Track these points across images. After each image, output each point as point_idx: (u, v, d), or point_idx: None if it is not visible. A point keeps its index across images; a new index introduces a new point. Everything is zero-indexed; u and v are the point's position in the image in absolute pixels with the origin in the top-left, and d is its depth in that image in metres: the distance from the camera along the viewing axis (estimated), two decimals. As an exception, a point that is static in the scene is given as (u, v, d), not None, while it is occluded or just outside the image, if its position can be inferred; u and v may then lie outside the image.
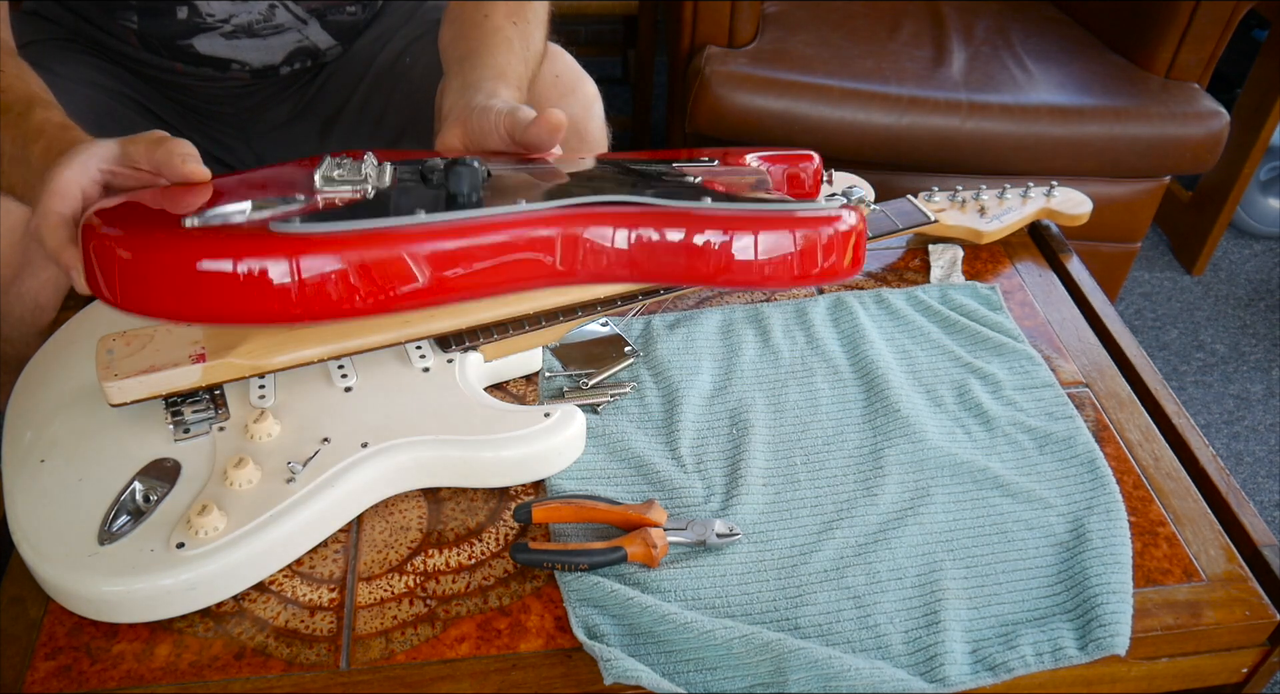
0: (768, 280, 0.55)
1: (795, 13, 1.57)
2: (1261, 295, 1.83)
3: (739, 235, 0.53)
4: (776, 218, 0.52)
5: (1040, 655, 0.64)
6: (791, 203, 0.54)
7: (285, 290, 0.48)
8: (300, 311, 0.50)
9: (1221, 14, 1.43)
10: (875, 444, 0.76)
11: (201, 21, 0.91)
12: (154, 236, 0.50)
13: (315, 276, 0.49)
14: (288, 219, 0.49)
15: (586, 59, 1.03)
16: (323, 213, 0.50)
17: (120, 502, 0.64)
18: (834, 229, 0.53)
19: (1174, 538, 0.72)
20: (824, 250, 0.54)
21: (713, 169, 0.67)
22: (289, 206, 0.52)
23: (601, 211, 0.54)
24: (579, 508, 0.69)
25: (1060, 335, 0.88)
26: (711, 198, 0.53)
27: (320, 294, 0.49)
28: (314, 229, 0.49)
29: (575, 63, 1.00)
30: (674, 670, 0.62)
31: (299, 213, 0.51)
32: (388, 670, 0.62)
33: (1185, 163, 1.45)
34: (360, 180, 0.57)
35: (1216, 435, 1.56)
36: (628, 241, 0.54)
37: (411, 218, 0.50)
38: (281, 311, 0.49)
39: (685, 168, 0.67)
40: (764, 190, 0.65)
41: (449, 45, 0.84)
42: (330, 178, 0.56)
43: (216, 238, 0.49)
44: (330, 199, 0.54)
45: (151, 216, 0.54)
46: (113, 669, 0.62)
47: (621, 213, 0.54)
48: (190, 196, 0.56)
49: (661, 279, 0.56)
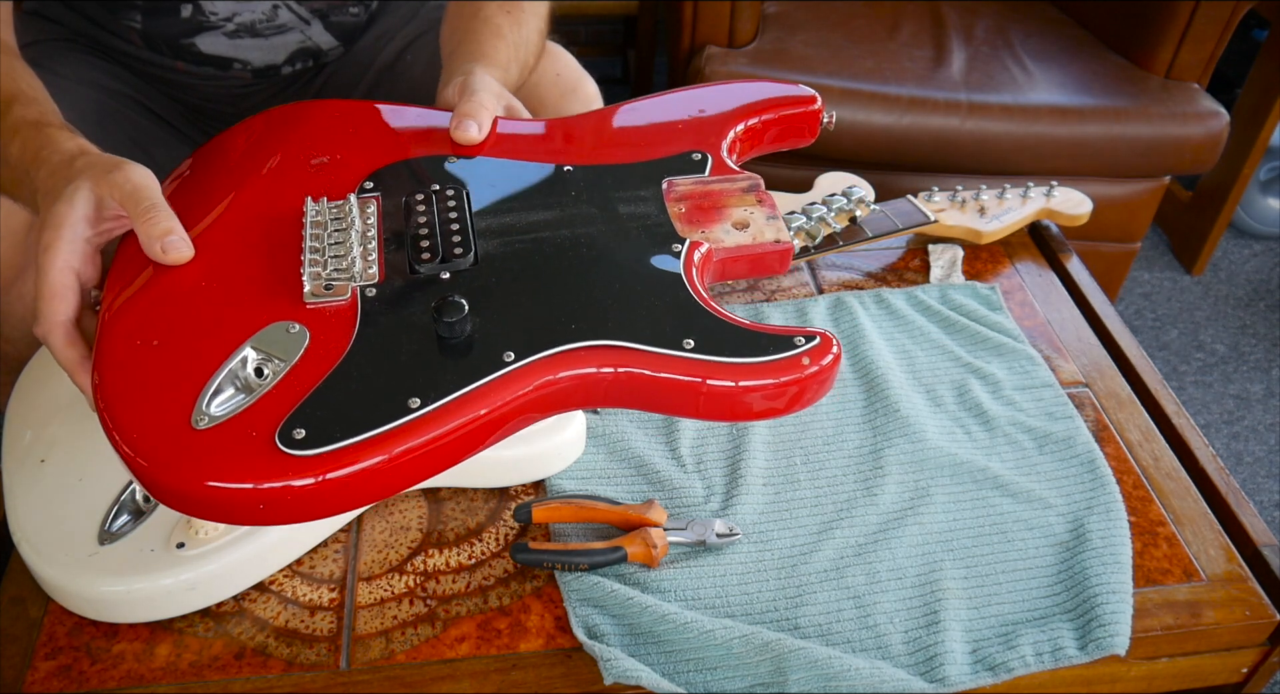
0: (738, 416, 0.58)
1: (795, 13, 1.57)
2: (1261, 295, 1.83)
3: (717, 381, 0.54)
4: (750, 368, 0.54)
5: (1040, 655, 0.64)
6: (768, 351, 0.55)
7: (298, 502, 0.50)
8: (310, 516, 0.52)
9: (1221, 14, 1.43)
10: (875, 444, 0.76)
11: (205, 20, 0.91)
12: (163, 446, 0.50)
13: (325, 490, 0.50)
14: (294, 435, 0.50)
15: (586, 59, 1.03)
16: (319, 430, 0.50)
17: (120, 502, 0.64)
18: (802, 374, 0.55)
19: (1174, 538, 0.72)
20: (794, 395, 0.56)
21: (703, 181, 0.66)
22: (291, 358, 0.53)
23: (589, 356, 0.54)
24: (579, 508, 0.69)
25: (1060, 335, 0.88)
26: (695, 342, 0.55)
27: (328, 501, 0.50)
28: (320, 451, 0.49)
29: (576, 62, 1.00)
30: (674, 670, 0.62)
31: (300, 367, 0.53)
32: (388, 670, 0.62)
33: (1185, 163, 1.45)
34: (346, 278, 0.57)
35: (1216, 435, 1.56)
36: (614, 380, 0.55)
37: (410, 416, 0.51)
38: (292, 518, 0.51)
39: (675, 182, 0.66)
40: (756, 193, 0.65)
41: (445, 41, 0.84)
42: (318, 290, 0.57)
43: (226, 457, 0.49)
44: (319, 308, 0.56)
45: (161, 389, 0.53)
46: (113, 669, 0.62)
47: (607, 357, 0.55)
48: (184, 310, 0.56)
49: (641, 408, 0.58)
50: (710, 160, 0.67)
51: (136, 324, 0.56)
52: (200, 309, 0.57)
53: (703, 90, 0.74)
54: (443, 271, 0.59)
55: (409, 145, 0.68)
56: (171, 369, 0.53)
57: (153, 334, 0.55)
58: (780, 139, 0.73)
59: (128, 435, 0.51)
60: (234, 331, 0.55)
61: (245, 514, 0.50)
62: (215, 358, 0.53)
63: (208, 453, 0.50)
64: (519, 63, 0.82)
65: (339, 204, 0.62)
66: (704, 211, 0.64)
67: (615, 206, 0.63)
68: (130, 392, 0.53)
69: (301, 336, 0.55)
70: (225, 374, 0.53)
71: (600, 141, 0.69)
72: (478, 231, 0.61)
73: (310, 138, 0.68)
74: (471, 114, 0.67)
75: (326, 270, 0.58)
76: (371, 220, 0.62)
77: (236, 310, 0.56)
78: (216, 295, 0.57)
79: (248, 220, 0.62)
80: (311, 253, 0.59)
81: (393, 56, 1.04)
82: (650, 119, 0.71)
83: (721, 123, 0.70)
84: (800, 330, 0.56)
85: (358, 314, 0.56)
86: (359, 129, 0.69)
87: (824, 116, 0.73)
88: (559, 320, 0.56)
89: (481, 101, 0.68)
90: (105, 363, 0.54)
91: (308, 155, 0.66)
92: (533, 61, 0.87)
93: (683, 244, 0.61)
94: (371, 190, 0.64)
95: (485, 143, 0.68)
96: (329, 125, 0.69)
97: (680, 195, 0.65)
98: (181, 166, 0.69)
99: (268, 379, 0.53)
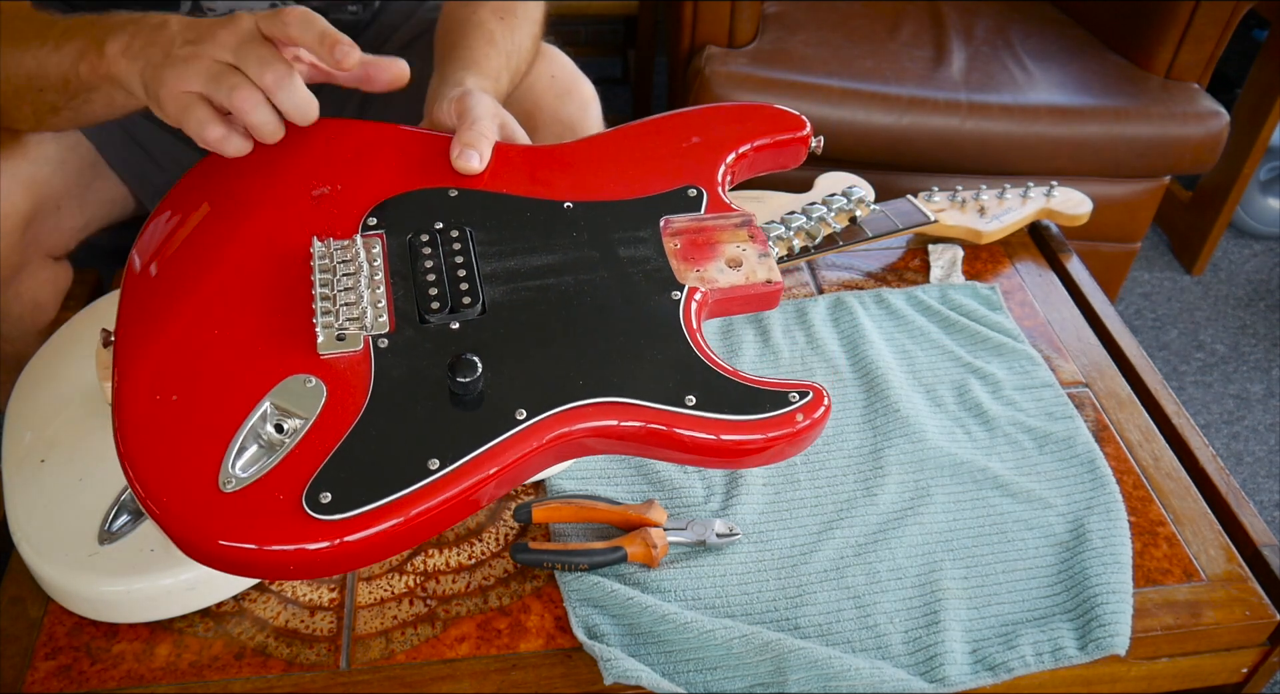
0: (731, 465, 0.62)
1: (795, 13, 1.57)
2: (1261, 295, 1.83)
3: (721, 434, 0.57)
4: (749, 424, 0.57)
5: (1040, 655, 0.64)
6: (765, 408, 0.58)
7: (324, 561, 0.51)
8: (334, 572, 0.53)
9: (1221, 14, 1.43)
10: (875, 444, 0.76)
11: (202, 18, 0.91)
12: (194, 510, 0.51)
13: (351, 550, 0.51)
14: (320, 499, 0.51)
15: (586, 59, 1.03)
16: (344, 493, 0.51)
17: (120, 501, 0.64)
18: (795, 428, 0.57)
19: (1174, 538, 0.72)
20: (786, 448, 0.58)
21: (699, 218, 0.67)
22: (310, 415, 0.54)
23: (596, 412, 0.57)
24: (579, 508, 0.69)
25: (1060, 335, 0.88)
26: (696, 398, 0.57)
27: (353, 559, 0.52)
28: (346, 515, 0.51)
29: (572, 63, 1.00)
30: (674, 670, 0.62)
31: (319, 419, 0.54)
32: (388, 670, 0.62)
33: (1185, 163, 1.45)
34: (358, 328, 0.58)
35: (1216, 435, 1.56)
36: (620, 433, 0.57)
37: (430, 478, 0.52)
38: (315, 574, 0.53)
39: (672, 220, 0.66)
40: (748, 228, 0.67)
41: (438, 43, 0.84)
42: (331, 341, 0.57)
43: (257, 521, 0.50)
44: (334, 359, 0.57)
45: (186, 450, 0.53)
46: (113, 669, 0.62)
47: (613, 412, 0.57)
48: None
49: (644, 456, 0.61)
50: (705, 196, 0.68)
51: (154, 377, 0.56)
52: (216, 360, 0.57)
53: (695, 114, 0.74)
54: (452, 322, 0.60)
55: (409, 175, 0.68)
56: (194, 427, 0.54)
57: (171, 388, 0.55)
58: (770, 163, 0.75)
59: (158, 499, 0.52)
60: (252, 386, 0.55)
61: (273, 572, 0.52)
62: (236, 415, 0.54)
63: (239, 517, 0.51)
64: (510, 71, 0.82)
65: (345, 245, 0.62)
66: (699, 248, 0.65)
67: (615, 249, 0.65)
68: (155, 453, 0.53)
69: (319, 391, 0.55)
70: (248, 432, 0.53)
71: (597, 174, 0.70)
72: (484, 277, 0.62)
73: (310, 165, 0.67)
74: (473, 144, 0.67)
75: (339, 321, 0.58)
76: (378, 262, 0.62)
77: (252, 362, 0.57)
78: (231, 345, 0.58)
79: (255, 260, 0.62)
80: (323, 300, 0.59)
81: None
82: (645, 149, 0.72)
83: (715, 153, 0.71)
84: (795, 385, 0.58)
85: (371, 367, 0.57)
86: (359, 154, 0.69)
87: (812, 142, 0.74)
88: (567, 375, 0.57)
89: (482, 131, 0.68)
90: (127, 423, 0.54)
91: (308, 185, 0.66)
92: (525, 68, 0.87)
93: (681, 291, 0.63)
94: (375, 227, 0.64)
95: (485, 172, 0.68)
96: (327, 150, 0.68)
97: (676, 231, 0.66)
98: (178, 191, 0.68)
99: (288, 435, 0.54)
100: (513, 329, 0.60)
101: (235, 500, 0.51)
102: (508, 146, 0.70)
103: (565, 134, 0.95)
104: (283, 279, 0.61)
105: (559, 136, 0.95)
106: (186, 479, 0.52)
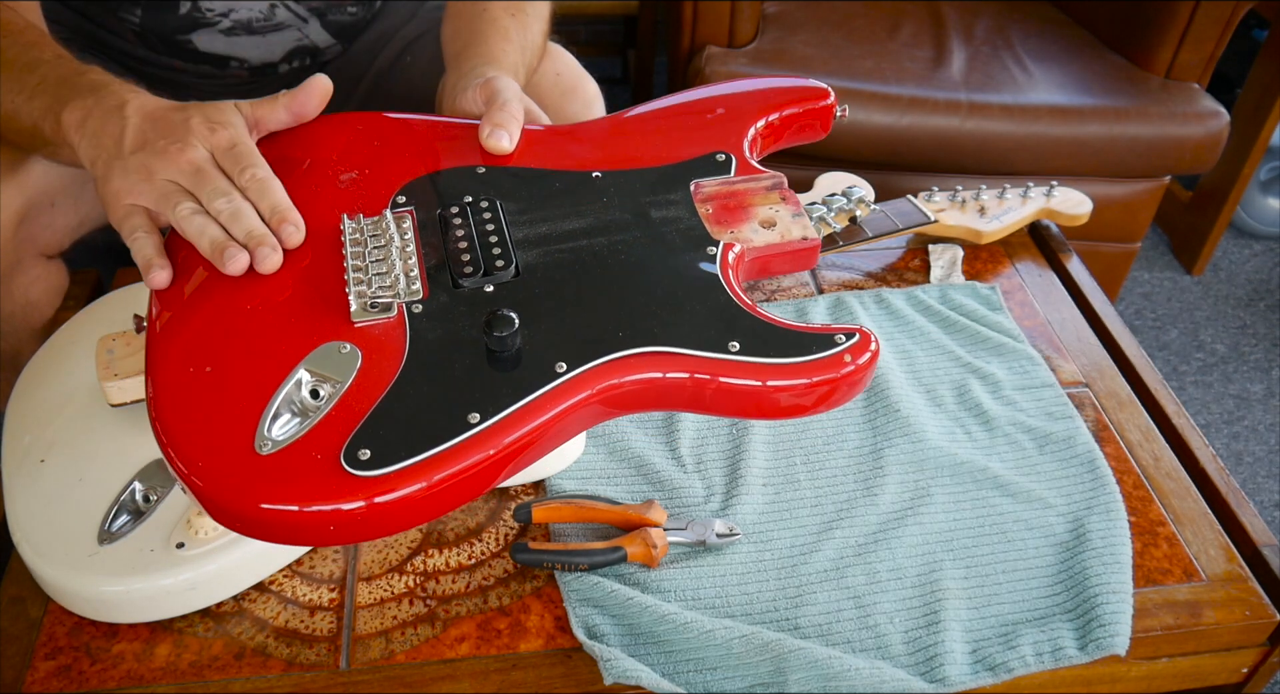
0: (776, 414, 0.59)
1: (795, 13, 1.57)
2: (1261, 295, 1.83)
3: (767, 380, 0.56)
4: (794, 367, 0.56)
5: (1040, 655, 0.64)
6: (811, 350, 0.57)
7: (366, 521, 0.50)
8: (377, 534, 0.52)
9: (1221, 14, 1.43)
10: (875, 444, 0.76)
11: (201, 17, 0.91)
12: (231, 472, 0.51)
13: (393, 508, 0.51)
14: (359, 455, 0.50)
15: (586, 59, 1.03)
16: (383, 449, 0.51)
17: (120, 502, 0.64)
18: (842, 371, 0.56)
19: (1174, 538, 0.72)
20: (831, 393, 0.57)
21: (729, 181, 0.67)
22: (346, 379, 0.54)
23: (638, 363, 0.56)
24: (579, 508, 0.69)
25: (1060, 335, 0.88)
26: (739, 344, 0.56)
27: (396, 519, 0.51)
28: (387, 470, 0.50)
29: (576, 62, 1.00)
30: (674, 670, 0.62)
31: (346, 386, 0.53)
32: (388, 670, 0.62)
33: (1185, 163, 1.45)
34: (391, 296, 0.58)
35: (1216, 435, 1.56)
36: (664, 385, 0.56)
37: (472, 431, 0.52)
38: (358, 537, 0.52)
39: (702, 183, 0.66)
40: (780, 190, 0.66)
41: (448, 41, 0.84)
42: (365, 308, 0.57)
43: (294, 480, 0.50)
44: (368, 326, 0.57)
45: (221, 416, 0.53)
46: (113, 669, 0.62)
47: (655, 363, 0.56)
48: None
49: (690, 410, 0.59)
50: (735, 161, 0.68)
51: (187, 350, 0.56)
52: (249, 333, 0.57)
53: (718, 89, 0.75)
54: (486, 284, 0.59)
55: (436, 157, 0.68)
56: (228, 395, 0.54)
57: (205, 360, 0.55)
58: (796, 135, 0.74)
59: (193, 464, 0.51)
60: (286, 355, 0.55)
61: (313, 535, 0.51)
62: (270, 382, 0.54)
63: (276, 477, 0.50)
64: (524, 65, 0.82)
65: (375, 220, 0.62)
66: (731, 211, 0.65)
67: (647, 211, 0.64)
68: (190, 420, 0.53)
69: (354, 356, 0.55)
70: (282, 398, 0.53)
71: (623, 146, 0.70)
72: (516, 243, 0.62)
73: (336, 154, 0.68)
74: (503, 124, 0.68)
75: (371, 289, 0.58)
76: (409, 235, 0.62)
77: (285, 333, 0.56)
78: (264, 318, 0.58)
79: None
80: (355, 271, 0.59)
81: (392, 57, 1.04)
82: (670, 121, 0.72)
83: (741, 122, 0.71)
84: (839, 328, 0.57)
85: (407, 331, 0.56)
86: (384, 143, 0.69)
87: (837, 110, 0.74)
88: (606, 329, 0.57)
89: (513, 112, 0.69)
90: (161, 392, 0.54)
91: (336, 172, 0.67)
92: (536, 64, 0.87)
93: (717, 246, 0.62)
94: (404, 204, 0.64)
95: (513, 152, 0.68)
96: (353, 140, 0.69)
97: (707, 196, 0.65)
98: None
99: (324, 401, 0.53)
100: (548, 288, 0.59)
101: (273, 462, 0.51)
102: (533, 129, 0.70)
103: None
104: (315, 256, 0.61)
105: None
106: (223, 446, 0.51)
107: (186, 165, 0.61)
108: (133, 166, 0.62)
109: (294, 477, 0.50)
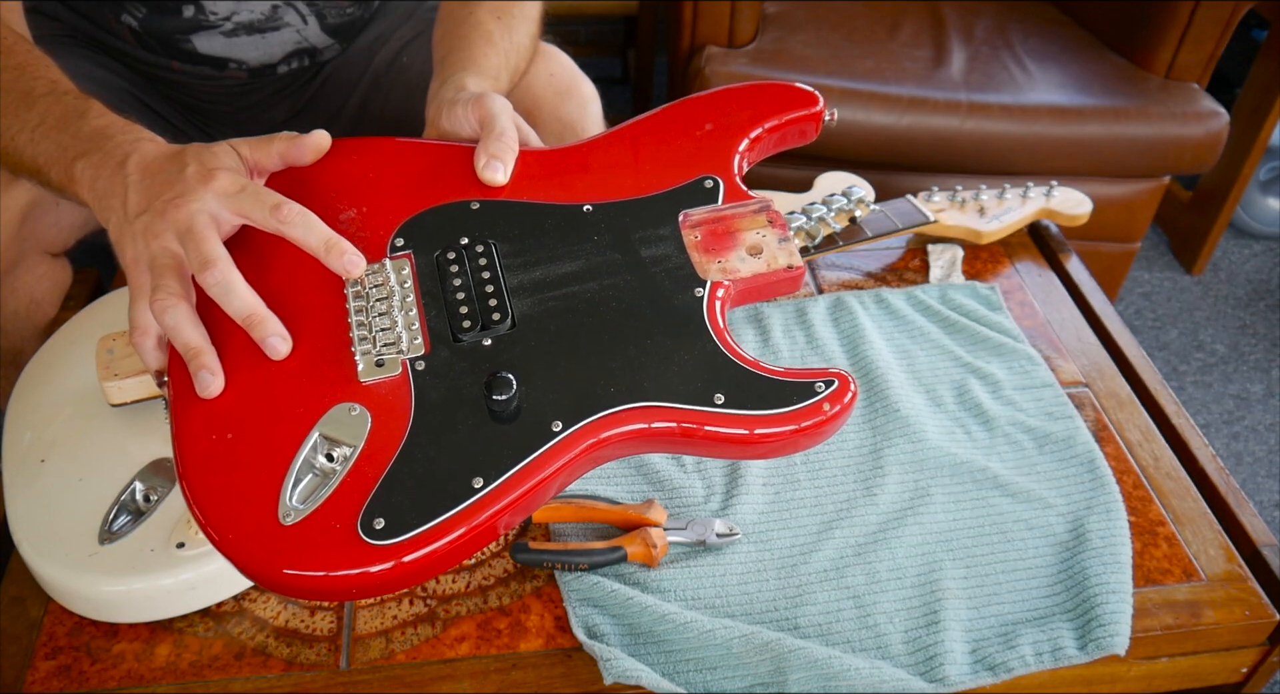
0: (762, 456, 0.62)
1: (795, 13, 1.57)
2: (1261, 295, 1.83)
3: (754, 429, 0.58)
4: (776, 418, 0.58)
5: (1040, 655, 0.64)
6: (792, 400, 0.59)
7: (383, 582, 0.53)
8: (392, 590, 0.55)
9: (1221, 14, 1.43)
10: (875, 444, 0.76)
11: (204, 19, 0.91)
12: (259, 543, 0.53)
13: (407, 570, 0.53)
14: (375, 525, 0.53)
15: (586, 59, 1.03)
16: (396, 518, 0.53)
17: (120, 501, 0.64)
18: (823, 417, 0.58)
19: (1174, 538, 0.72)
20: (814, 436, 0.59)
21: (717, 210, 0.67)
22: (358, 443, 0.56)
23: (629, 417, 0.58)
24: (579, 508, 0.69)
25: (1060, 335, 0.88)
26: (724, 397, 0.58)
27: (410, 577, 0.54)
28: (400, 539, 0.53)
29: (571, 63, 1.00)
30: (674, 670, 0.62)
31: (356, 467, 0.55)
32: (388, 670, 0.62)
33: (1185, 163, 1.45)
34: (395, 352, 0.59)
35: (1216, 435, 1.56)
36: (653, 435, 0.59)
37: (476, 496, 0.54)
38: (374, 594, 0.55)
39: (690, 213, 0.67)
40: (767, 213, 0.67)
41: (436, 44, 0.84)
42: (370, 368, 0.59)
43: (318, 550, 0.53)
44: (374, 385, 0.58)
45: (246, 486, 0.55)
46: (113, 669, 0.62)
47: (645, 416, 0.58)
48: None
49: (678, 453, 0.63)
50: (722, 186, 0.68)
51: (209, 417, 0.58)
52: (264, 396, 0.59)
53: (705, 100, 0.74)
54: (484, 338, 0.61)
55: (431, 190, 0.69)
56: (251, 463, 0.56)
57: (226, 427, 0.57)
58: (784, 142, 0.74)
59: (224, 535, 0.54)
60: (300, 418, 0.57)
61: (339, 595, 0.54)
62: (288, 447, 0.56)
63: (301, 548, 0.53)
64: (509, 69, 0.82)
65: (375, 268, 0.63)
66: (719, 238, 0.66)
67: (637, 250, 0.65)
68: (217, 490, 0.55)
69: (364, 418, 0.57)
70: (301, 463, 0.55)
71: (614, 172, 0.70)
72: (511, 291, 0.63)
73: (332, 189, 0.68)
74: (499, 155, 0.67)
75: (376, 347, 0.59)
76: (408, 283, 0.63)
77: (298, 395, 0.58)
78: (276, 379, 0.59)
79: (290, 292, 0.63)
80: (359, 328, 0.60)
81: (390, 57, 1.04)
82: (659, 141, 0.72)
83: (730, 139, 0.71)
84: (819, 373, 0.59)
85: (411, 391, 0.58)
86: (380, 173, 0.69)
87: (826, 115, 0.74)
88: (598, 384, 0.59)
89: (508, 143, 0.68)
90: (190, 465, 0.56)
91: (335, 209, 0.67)
92: (524, 66, 0.87)
93: (704, 287, 0.63)
94: (403, 248, 0.65)
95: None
96: (348, 172, 0.69)
97: (695, 223, 0.67)
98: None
99: (339, 463, 0.55)
100: (543, 341, 0.61)
101: (296, 532, 0.53)
102: (525, 151, 0.70)
103: (565, 133, 0.95)
104: (319, 308, 0.62)
105: (559, 135, 0.95)
106: (250, 516, 0.54)
107: (183, 224, 0.60)
108: (139, 230, 0.61)
109: (315, 546, 0.53)
